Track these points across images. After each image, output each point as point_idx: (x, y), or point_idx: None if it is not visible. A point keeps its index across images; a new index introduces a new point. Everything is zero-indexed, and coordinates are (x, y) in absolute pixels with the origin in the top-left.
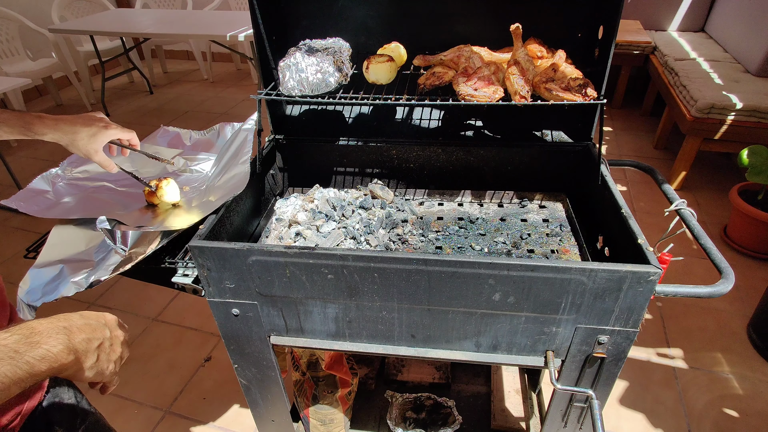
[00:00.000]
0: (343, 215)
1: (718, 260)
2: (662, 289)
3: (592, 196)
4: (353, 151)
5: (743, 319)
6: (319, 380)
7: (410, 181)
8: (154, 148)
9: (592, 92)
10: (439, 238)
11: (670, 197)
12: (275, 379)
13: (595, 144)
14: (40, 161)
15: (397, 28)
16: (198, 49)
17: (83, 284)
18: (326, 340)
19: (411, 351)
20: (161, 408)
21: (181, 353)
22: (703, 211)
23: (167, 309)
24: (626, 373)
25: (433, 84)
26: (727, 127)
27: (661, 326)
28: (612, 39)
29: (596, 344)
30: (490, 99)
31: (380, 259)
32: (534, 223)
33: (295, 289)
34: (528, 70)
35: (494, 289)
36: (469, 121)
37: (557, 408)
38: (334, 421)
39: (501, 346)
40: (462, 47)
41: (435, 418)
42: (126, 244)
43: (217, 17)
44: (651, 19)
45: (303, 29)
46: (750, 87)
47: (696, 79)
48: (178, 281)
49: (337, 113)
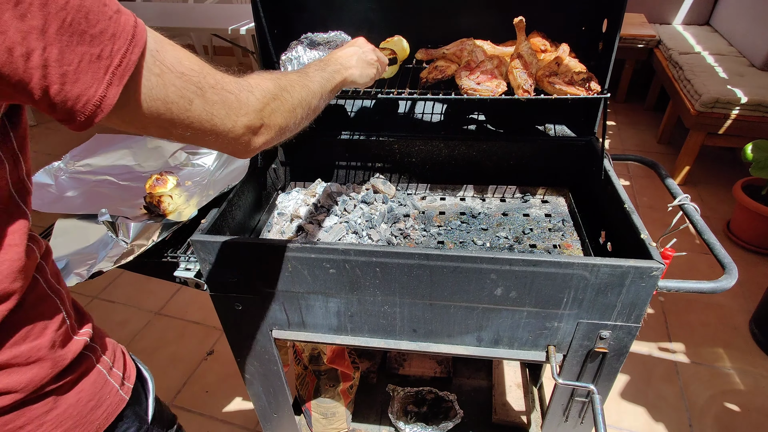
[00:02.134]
0: (345, 210)
1: (721, 256)
2: (665, 284)
3: (595, 191)
4: (355, 145)
5: (745, 314)
6: (321, 374)
7: (412, 175)
8: (155, 142)
9: (595, 86)
10: (441, 233)
11: (673, 192)
12: (277, 372)
13: (598, 138)
14: (43, 155)
15: (400, 22)
16: (199, 43)
17: (85, 275)
18: (328, 335)
19: (413, 345)
20: (164, 401)
21: (184, 347)
22: (706, 206)
23: (170, 303)
24: (628, 368)
25: (435, 78)
26: (732, 121)
27: (663, 321)
28: (616, 32)
29: (598, 339)
30: (493, 93)
31: (382, 253)
32: (536, 217)
33: (297, 283)
34: (531, 63)
35: (496, 284)
36: (472, 115)
37: (558, 402)
38: (336, 415)
39: (503, 340)
40: (465, 41)
41: (436, 411)
42: (128, 236)
43: (219, 10)
44: (655, 12)
45: (305, 22)
46: (755, 81)
47: (700, 73)
48: (180, 275)
49: (339, 107)
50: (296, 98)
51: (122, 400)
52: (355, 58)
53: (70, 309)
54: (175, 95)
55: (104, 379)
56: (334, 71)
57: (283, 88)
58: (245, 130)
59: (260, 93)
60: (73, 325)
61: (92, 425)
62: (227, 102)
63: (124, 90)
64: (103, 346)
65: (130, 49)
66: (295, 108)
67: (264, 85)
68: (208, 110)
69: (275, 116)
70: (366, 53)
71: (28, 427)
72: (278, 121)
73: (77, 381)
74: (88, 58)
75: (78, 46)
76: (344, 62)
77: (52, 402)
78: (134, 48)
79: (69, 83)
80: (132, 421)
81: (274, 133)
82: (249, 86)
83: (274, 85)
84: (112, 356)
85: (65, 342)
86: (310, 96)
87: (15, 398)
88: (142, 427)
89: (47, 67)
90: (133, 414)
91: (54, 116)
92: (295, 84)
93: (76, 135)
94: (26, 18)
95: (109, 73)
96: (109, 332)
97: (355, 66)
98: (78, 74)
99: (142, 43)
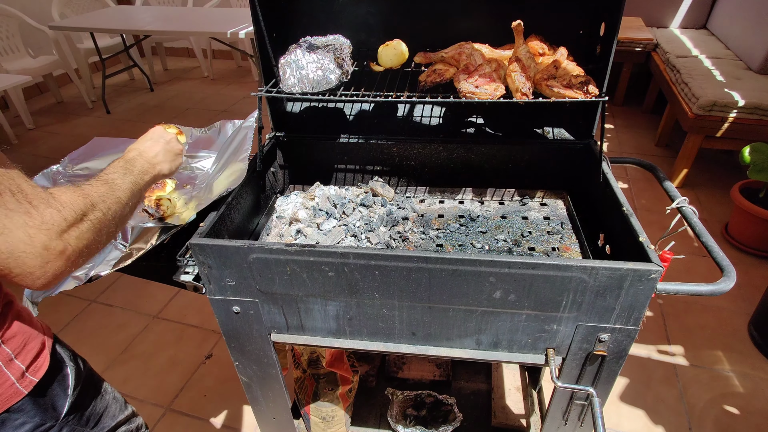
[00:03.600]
0: (343, 213)
1: (719, 258)
2: (663, 287)
3: (594, 194)
4: (354, 149)
5: (744, 316)
6: (320, 377)
7: (411, 178)
8: None
9: (593, 89)
10: (439, 236)
11: (671, 195)
12: (276, 376)
13: (596, 141)
14: (41, 158)
15: (398, 25)
16: (198, 47)
17: (83, 278)
18: (327, 338)
19: (412, 348)
20: (162, 405)
21: (182, 350)
22: (704, 208)
23: (168, 306)
24: (627, 371)
25: (434, 81)
26: (729, 124)
27: (662, 324)
28: (614, 36)
29: (597, 342)
30: (492, 96)
31: (381, 256)
32: (535, 220)
33: (296, 286)
34: (529, 67)
35: (495, 287)
36: (470, 118)
37: (558, 405)
38: (334, 418)
39: (502, 343)
40: (463, 44)
41: (435, 415)
42: (126, 239)
43: (218, 14)
44: (653, 16)
45: (303, 26)
46: (752, 84)
47: (698, 76)
48: (179, 279)
49: (338, 110)
50: (109, 215)
51: (18, 393)
52: (161, 153)
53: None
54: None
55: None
56: (142, 171)
57: (94, 204)
58: (43, 251)
59: (69, 211)
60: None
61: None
62: (26, 212)
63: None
64: (10, 337)
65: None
66: (104, 227)
67: (72, 201)
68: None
69: (80, 240)
70: (170, 143)
71: None
72: (81, 244)
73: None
74: None
75: None
76: (150, 159)
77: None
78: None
79: None
80: (31, 415)
81: (74, 259)
82: (55, 199)
83: (83, 203)
84: (19, 348)
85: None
86: (122, 208)
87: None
88: (44, 422)
89: None
90: (33, 408)
91: None
92: (106, 198)
93: (74, 139)
94: None
95: None
96: (107, 336)
97: (162, 161)
98: None
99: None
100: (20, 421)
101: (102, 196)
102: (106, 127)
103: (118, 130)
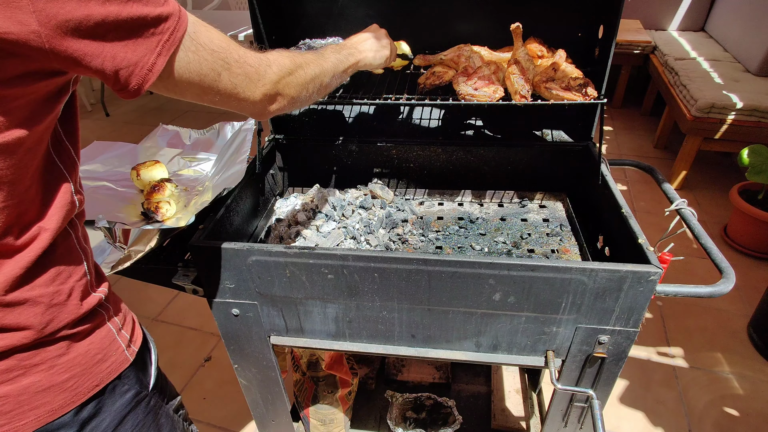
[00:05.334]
0: (343, 215)
1: (718, 260)
2: (663, 288)
3: (593, 196)
4: (353, 151)
5: (743, 318)
6: (320, 380)
7: (410, 180)
8: (152, 149)
9: (592, 92)
10: (439, 238)
11: (670, 197)
12: (275, 379)
13: (595, 143)
14: None
15: (397, 28)
16: None
17: None
18: (326, 340)
19: (411, 351)
20: None
21: (182, 353)
22: (703, 210)
23: (167, 309)
24: (627, 373)
25: (433, 83)
26: (728, 126)
27: (661, 326)
28: (612, 38)
29: (597, 344)
30: (491, 98)
31: (380, 259)
32: (534, 222)
33: (295, 289)
34: (528, 69)
35: (494, 289)
36: (470, 120)
37: (558, 408)
38: (334, 421)
39: (501, 346)
40: (462, 47)
41: (435, 418)
42: (125, 242)
43: (217, 17)
44: (651, 18)
45: (303, 29)
46: (750, 86)
47: (696, 78)
48: (178, 281)
49: (337, 113)
50: (309, 74)
51: (126, 360)
52: (369, 43)
53: (92, 268)
54: (207, 69)
55: (113, 337)
56: (348, 54)
57: (299, 65)
58: (262, 97)
59: (277, 67)
60: (92, 282)
61: (96, 377)
62: (248, 74)
63: (168, 62)
64: (116, 308)
65: (176, 28)
66: (307, 83)
67: (281, 61)
68: (232, 81)
69: (289, 88)
70: (379, 36)
71: (41, 366)
72: (291, 93)
73: (89, 333)
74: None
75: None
76: (359, 46)
77: (65, 347)
78: (180, 27)
79: (130, 52)
80: (133, 383)
81: (287, 102)
82: (268, 61)
83: (291, 62)
84: (123, 319)
85: (84, 295)
86: (323, 74)
87: (32, 336)
88: (141, 391)
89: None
90: (134, 376)
91: (108, 83)
92: (310, 62)
93: None
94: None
95: (159, 45)
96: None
97: (368, 50)
98: (137, 45)
99: (185, 26)
100: (125, 388)
101: (307, 60)
102: (105, 130)
103: (118, 133)
